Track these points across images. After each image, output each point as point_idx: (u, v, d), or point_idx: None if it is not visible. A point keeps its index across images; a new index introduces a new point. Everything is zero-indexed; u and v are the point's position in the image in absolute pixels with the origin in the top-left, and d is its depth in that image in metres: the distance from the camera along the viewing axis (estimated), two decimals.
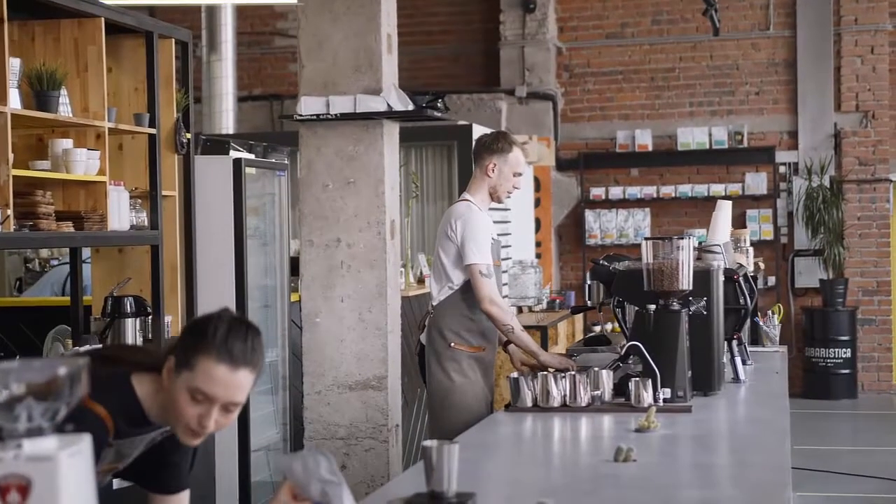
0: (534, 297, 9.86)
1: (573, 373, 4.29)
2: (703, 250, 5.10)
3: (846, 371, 12.08)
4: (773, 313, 6.44)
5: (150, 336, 5.52)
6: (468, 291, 5.08)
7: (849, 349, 12.06)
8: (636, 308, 4.52)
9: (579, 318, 11.09)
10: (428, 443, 2.74)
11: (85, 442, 1.79)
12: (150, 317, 5.49)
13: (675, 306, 4.37)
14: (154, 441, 2.76)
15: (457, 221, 5.08)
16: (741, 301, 4.99)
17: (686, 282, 4.37)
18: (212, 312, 2.63)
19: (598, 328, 12.05)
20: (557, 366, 4.92)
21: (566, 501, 2.80)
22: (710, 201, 12.32)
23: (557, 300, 10.79)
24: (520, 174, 5.23)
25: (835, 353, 12.04)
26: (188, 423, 2.58)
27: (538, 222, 12.28)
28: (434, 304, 5.19)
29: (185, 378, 2.55)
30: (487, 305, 4.99)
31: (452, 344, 5.10)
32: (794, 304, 12.50)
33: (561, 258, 12.96)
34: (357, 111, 5.59)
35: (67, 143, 4.97)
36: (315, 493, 2.49)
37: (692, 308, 4.44)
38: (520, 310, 10.10)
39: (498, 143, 5.21)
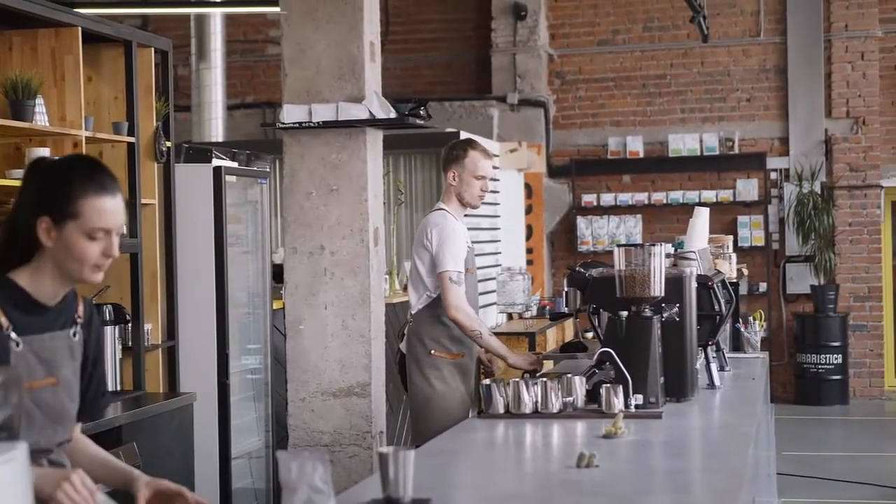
0: (522, 303, 9.88)
1: (545, 379, 4.30)
2: (678, 257, 5.12)
3: (837, 377, 12.08)
4: (754, 319, 6.45)
5: (129, 344, 5.54)
6: None
7: (840, 355, 12.07)
8: (609, 314, 4.53)
9: (569, 324, 11.10)
10: (383, 449, 2.76)
11: (20, 450, 1.81)
12: (129, 325, 5.51)
13: (648, 313, 4.38)
14: (71, 345, 2.78)
15: (432, 230, 5.20)
16: (716, 307, 5.00)
17: (658, 288, 4.38)
18: (52, 161, 2.75)
19: (590, 335, 12.04)
20: (526, 366, 5.02)
21: None
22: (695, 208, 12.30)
23: (548, 307, 10.80)
24: (482, 177, 5.32)
25: (826, 358, 12.04)
26: (94, 262, 2.69)
27: (530, 229, 12.31)
28: (413, 312, 5.29)
29: (74, 227, 2.66)
30: (453, 312, 5.09)
31: (433, 352, 5.21)
32: (786, 310, 12.52)
33: (553, 265, 12.98)
34: (339, 119, 5.60)
35: (44, 151, 4.99)
36: (300, 499, 2.51)
37: (664, 315, 4.46)
38: (509, 316, 10.11)
39: (453, 151, 5.36)
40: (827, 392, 12.04)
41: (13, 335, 2.65)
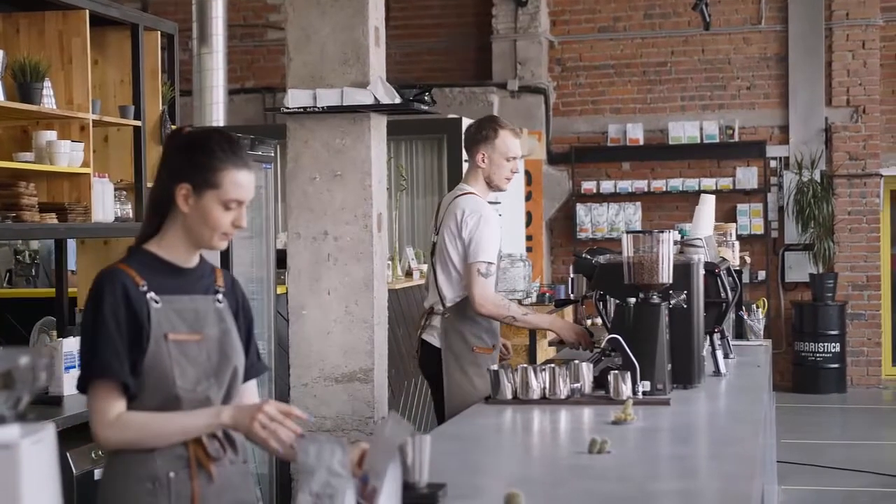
0: (523, 290, 9.88)
1: (553, 365, 4.29)
2: (685, 244, 5.12)
3: (835, 365, 12.11)
4: (757, 307, 6.46)
5: None
6: None
7: (838, 344, 12.10)
8: (617, 301, 4.54)
9: (569, 311, 11.12)
10: None
11: (48, 431, 1.81)
12: None
13: (656, 300, 4.39)
14: (217, 309, 2.87)
15: (468, 217, 4.97)
16: (722, 295, 5.00)
17: (666, 275, 4.38)
18: (193, 132, 2.87)
19: (589, 322, 12.06)
20: (573, 339, 4.92)
21: (537, 492, 2.82)
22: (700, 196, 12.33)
23: (548, 294, 10.80)
24: (513, 158, 5.10)
25: (824, 347, 12.07)
26: (224, 230, 2.81)
27: (529, 216, 12.31)
28: (447, 304, 5.05)
29: (211, 195, 2.78)
30: (479, 308, 4.89)
31: (475, 348, 5.02)
32: (784, 298, 12.54)
33: (552, 252, 12.99)
34: (344, 104, 5.59)
35: (51, 134, 4.98)
36: (318, 482, 2.52)
37: (672, 301, 4.46)
38: None
39: (482, 130, 5.10)
40: (825, 380, 12.07)
41: (151, 294, 2.77)
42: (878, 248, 12.48)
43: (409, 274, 8.07)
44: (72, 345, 5.08)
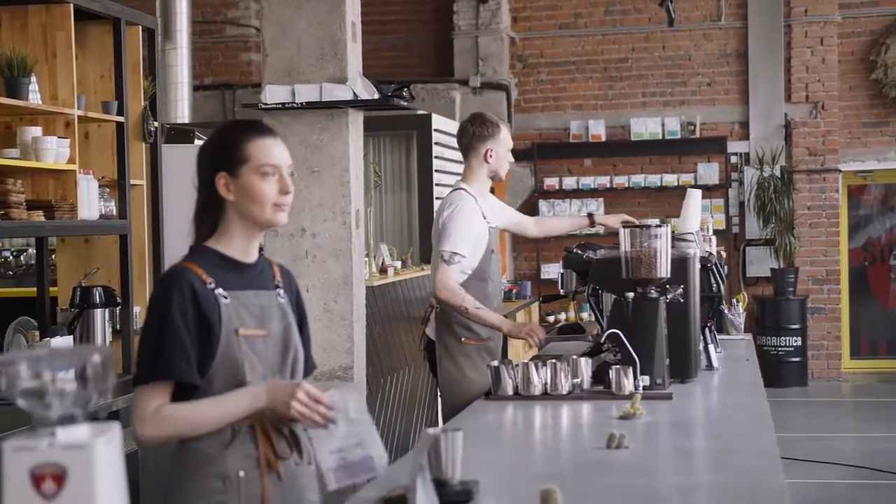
0: None
1: (554, 361, 4.28)
2: (676, 238, 5.12)
3: (797, 359, 12.23)
4: (737, 301, 6.50)
5: (118, 327, 5.46)
6: (473, 284, 5.03)
7: (799, 337, 12.21)
8: (614, 296, 4.53)
9: (535, 307, 11.14)
10: (432, 430, 2.74)
11: (116, 430, 1.77)
12: (119, 307, 5.43)
13: (653, 294, 4.39)
14: (280, 304, 2.85)
15: (447, 209, 5.07)
16: (714, 288, 5.02)
17: (664, 269, 4.38)
18: (215, 130, 2.91)
19: (551, 318, 12.10)
20: (522, 335, 4.98)
21: (567, 488, 2.80)
22: (662, 191, 12.44)
23: (514, 290, 10.82)
24: (511, 148, 5.31)
25: (785, 341, 12.18)
26: (272, 200, 2.78)
27: None
28: (439, 297, 5.07)
29: (246, 170, 2.77)
30: (437, 293, 4.97)
31: (463, 339, 5.08)
32: (746, 292, 12.61)
33: (515, 248, 12.99)
34: (323, 100, 5.56)
35: (37, 130, 4.89)
36: (339, 436, 2.52)
37: (669, 296, 4.46)
38: None
39: (487, 128, 5.20)
40: (787, 374, 12.18)
41: (220, 290, 2.75)
42: (838, 243, 12.61)
43: (383, 271, 8.03)
44: (59, 345, 5.00)
